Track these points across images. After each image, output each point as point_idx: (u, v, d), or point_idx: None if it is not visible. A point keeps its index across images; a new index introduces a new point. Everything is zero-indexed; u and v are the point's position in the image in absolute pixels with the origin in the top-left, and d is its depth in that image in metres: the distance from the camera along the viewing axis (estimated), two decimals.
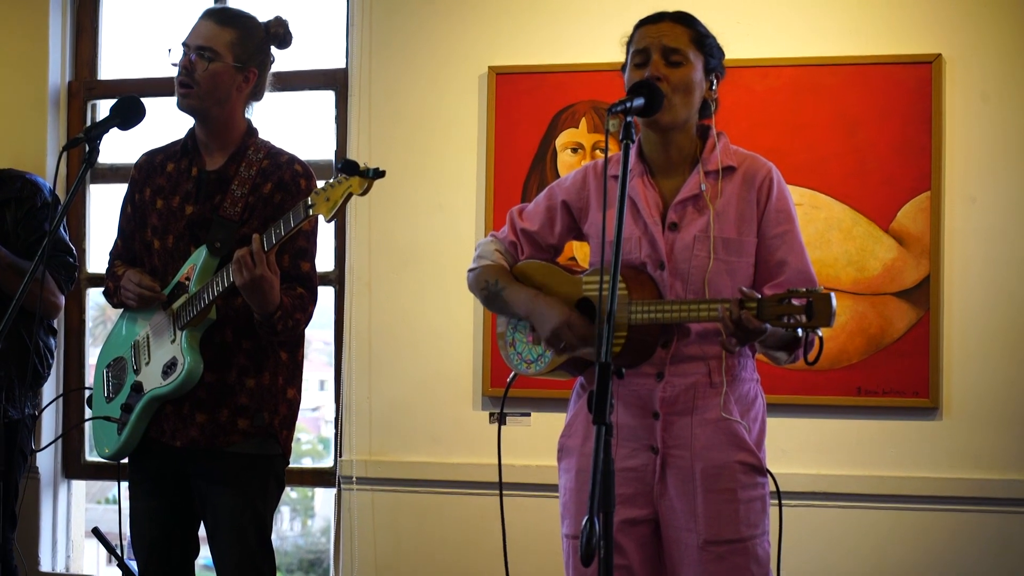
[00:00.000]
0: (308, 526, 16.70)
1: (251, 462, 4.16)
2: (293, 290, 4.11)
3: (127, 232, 4.38)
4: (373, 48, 5.78)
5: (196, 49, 4.14)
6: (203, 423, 4.12)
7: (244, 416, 4.14)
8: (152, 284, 4.17)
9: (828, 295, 3.23)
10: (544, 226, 3.85)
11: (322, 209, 3.76)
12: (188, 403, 4.13)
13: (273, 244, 3.89)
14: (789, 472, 5.11)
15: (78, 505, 6.31)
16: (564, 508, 3.75)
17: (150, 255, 4.27)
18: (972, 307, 5.24)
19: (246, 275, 3.88)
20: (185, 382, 4.07)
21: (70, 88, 6.20)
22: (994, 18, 5.28)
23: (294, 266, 4.15)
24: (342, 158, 3.79)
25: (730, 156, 3.66)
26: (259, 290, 3.91)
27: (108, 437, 4.27)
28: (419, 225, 5.71)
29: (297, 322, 4.10)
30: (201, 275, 4.08)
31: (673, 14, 3.67)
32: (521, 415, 5.52)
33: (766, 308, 3.29)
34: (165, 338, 4.16)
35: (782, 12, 5.43)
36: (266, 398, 4.17)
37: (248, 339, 4.14)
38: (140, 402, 4.16)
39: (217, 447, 4.12)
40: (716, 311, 3.37)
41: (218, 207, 4.14)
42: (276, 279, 3.94)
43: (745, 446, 3.58)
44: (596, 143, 5.50)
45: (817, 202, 5.30)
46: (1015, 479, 5.18)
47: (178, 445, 4.14)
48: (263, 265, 3.88)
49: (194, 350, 4.08)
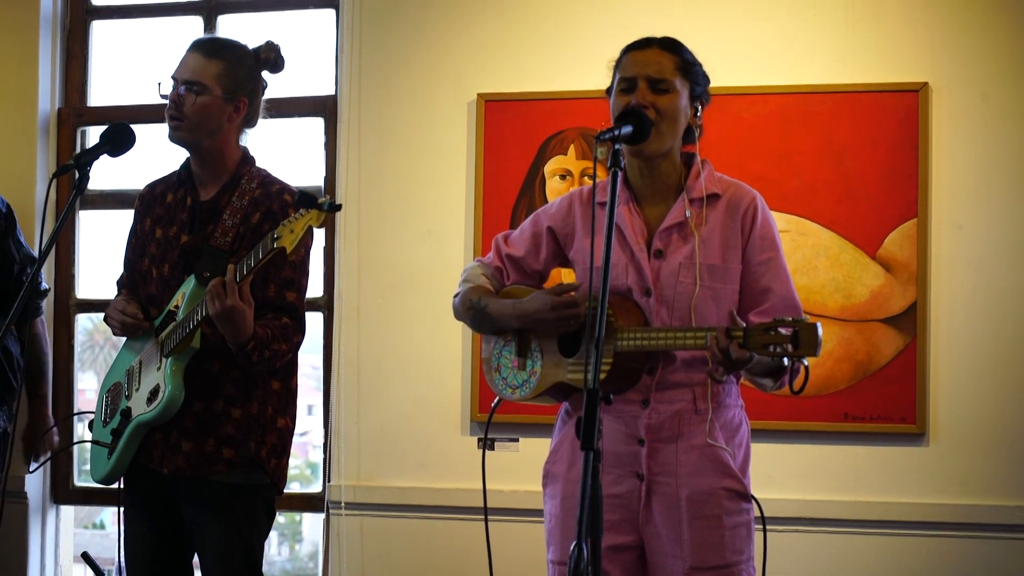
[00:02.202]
0: (296, 551, 16.69)
1: (237, 491, 4.15)
2: (278, 320, 4.10)
3: (131, 262, 4.40)
4: (362, 75, 5.80)
5: (184, 83, 4.15)
6: (189, 452, 4.12)
7: (230, 446, 4.13)
8: (135, 312, 4.19)
9: (814, 325, 3.24)
10: (529, 252, 3.86)
11: (286, 241, 3.77)
12: (176, 431, 4.13)
13: (244, 275, 3.89)
14: (776, 498, 5.12)
15: (67, 530, 6.29)
16: (550, 534, 3.75)
17: (146, 283, 4.28)
18: (959, 333, 5.26)
19: (218, 305, 3.88)
20: (166, 409, 4.07)
21: (60, 115, 6.20)
22: (980, 47, 5.31)
23: (279, 296, 4.15)
24: (300, 192, 3.82)
25: (715, 184, 3.68)
26: (231, 320, 3.91)
27: (99, 461, 4.28)
28: (408, 251, 5.72)
29: (275, 353, 4.08)
30: (189, 303, 4.08)
31: (660, 40, 3.69)
32: (509, 440, 5.53)
33: (752, 337, 3.30)
34: (153, 365, 4.17)
35: (771, 40, 5.46)
36: (253, 428, 4.16)
37: (236, 368, 4.14)
38: (128, 428, 4.17)
39: (203, 476, 4.12)
40: (702, 339, 3.39)
41: (210, 236, 4.15)
42: (248, 310, 3.93)
43: (730, 472, 3.59)
44: (584, 170, 5.52)
45: (804, 229, 5.32)
46: (1002, 505, 5.19)
47: (165, 472, 4.14)
48: (234, 295, 3.88)
49: (176, 378, 4.08)
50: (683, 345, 3.46)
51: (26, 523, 6.00)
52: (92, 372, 18.12)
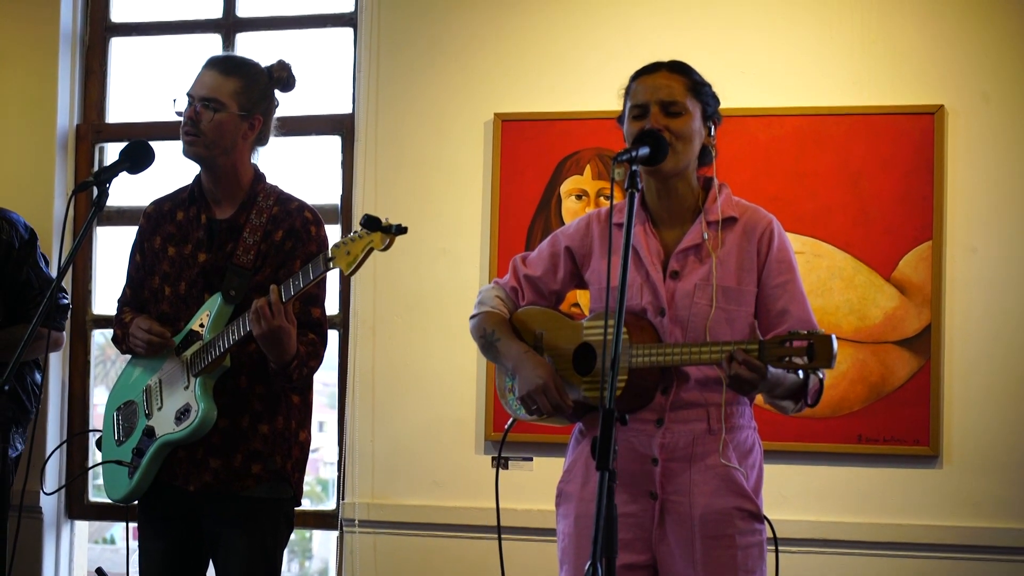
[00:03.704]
0: (306, 568, 16.67)
1: (263, 505, 4.17)
2: (305, 336, 4.12)
3: (136, 280, 4.38)
4: (380, 94, 5.82)
5: (201, 100, 4.16)
6: (217, 468, 4.13)
7: (258, 461, 4.15)
8: (162, 331, 4.18)
9: (829, 337, 3.26)
10: (547, 272, 3.87)
11: (342, 263, 3.77)
12: (202, 448, 4.14)
13: (291, 295, 3.91)
14: (790, 519, 5.13)
15: (81, 546, 6.30)
16: (563, 553, 3.76)
17: (158, 301, 4.28)
18: (973, 356, 5.26)
19: (264, 326, 3.89)
20: (199, 428, 4.08)
21: (78, 131, 6.23)
22: (995, 70, 5.32)
23: (305, 312, 4.16)
24: (365, 214, 3.79)
25: (732, 207, 3.69)
26: (277, 340, 3.93)
27: (119, 481, 4.27)
28: (424, 270, 5.73)
29: (311, 369, 4.14)
30: (215, 323, 4.09)
31: (668, 64, 3.70)
32: (523, 459, 5.54)
33: (767, 350, 3.32)
34: (178, 384, 4.17)
35: (786, 62, 5.47)
36: (279, 442, 4.18)
37: (262, 384, 4.16)
38: (152, 447, 4.17)
39: (231, 491, 4.14)
40: (718, 354, 3.40)
41: (231, 255, 4.16)
42: (293, 329, 3.96)
43: (743, 493, 3.60)
44: (600, 190, 5.53)
45: (819, 250, 5.33)
46: (1015, 528, 5.19)
47: (192, 489, 4.15)
48: (281, 316, 3.89)
49: (208, 397, 4.09)
50: (699, 360, 3.46)
51: (41, 538, 6.02)
52: (104, 387, 18.14)
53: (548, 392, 3.64)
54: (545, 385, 3.64)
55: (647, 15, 5.59)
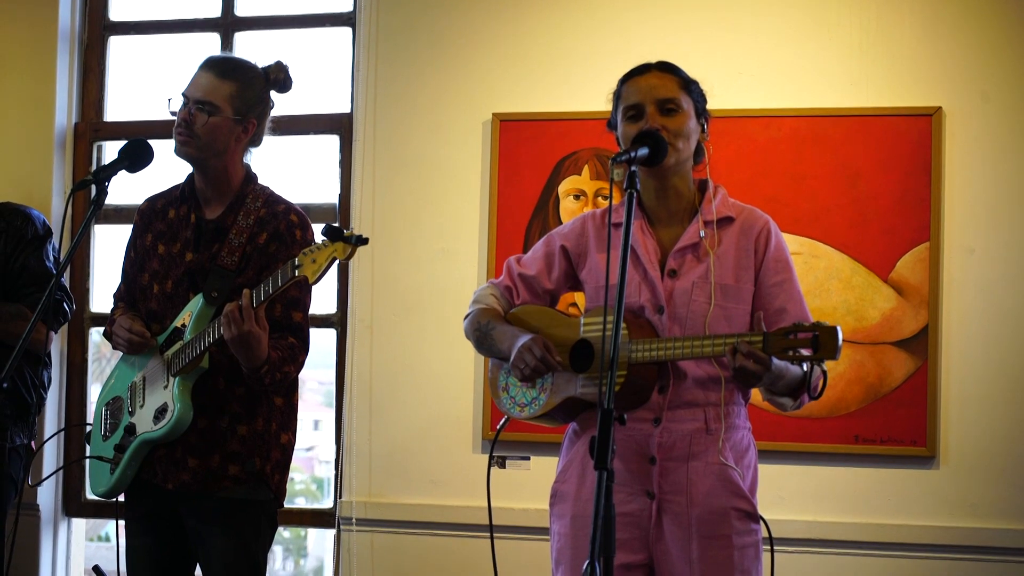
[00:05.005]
0: (301, 566, 16.69)
1: (242, 506, 4.16)
2: (284, 339, 4.11)
3: (130, 276, 4.39)
4: (378, 93, 5.82)
5: (196, 102, 4.15)
6: (195, 468, 4.13)
7: (235, 462, 4.14)
8: (142, 330, 4.18)
9: (835, 328, 3.25)
10: (542, 271, 3.87)
11: (308, 271, 3.75)
12: (181, 447, 4.13)
13: (261, 301, 3.89)
14: (786, 519, 5.14)
15: (78, 543, 6.31)
16: (559, 554, 3.75)
17: (147, 299, 4.28)
18: (970, 357, 5.27)
19: (234, 330, 3.88)
20: (174, 428, 4.08)
21: (76, 129, 6.24)
22: (993, 72, 5.33)
23: (286, 316, 4.15)
24: (326, 223, 3.79)
25: (728, 207, 3.70)
26: (247, 345, 3.91)
27: (101, 476, 4.29)
28: (422, 270, 5.74)
29: (286, 374, 4.09)
30: (196, 323, 4.09)
31: (657, 64, 3.72)
32: (520, 459, 5.54)
33: (772, 341, 3.32)
34: (159, 383, 4.18)
35: (785, 63, 5.48)
36: (258, 444, 4.17)
37: (241, 385, 4.14)
38: (132, 444, 4.18)
39: (208, 492, 4.13)
40: (719, 346, 3.40)
41: (216, 256, 4.15)
42: (264, 334, 3.94)
43: (740, 493, 3.61)
44: (598, 190, 5.54)
45: (817, 251, 5.34)
46: (1012, 528, 5.20)
47: (170, 488, 4.15)
48: (251, 321, 3.88)
49: (185, 397, 4.09)
50: (701, 353, 3.46)
51: (38, 536, 6.02)
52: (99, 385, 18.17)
53: (534, 347, 3.60)
54: (532, 340, 3.62)
55: (645, 16, 5.59)
